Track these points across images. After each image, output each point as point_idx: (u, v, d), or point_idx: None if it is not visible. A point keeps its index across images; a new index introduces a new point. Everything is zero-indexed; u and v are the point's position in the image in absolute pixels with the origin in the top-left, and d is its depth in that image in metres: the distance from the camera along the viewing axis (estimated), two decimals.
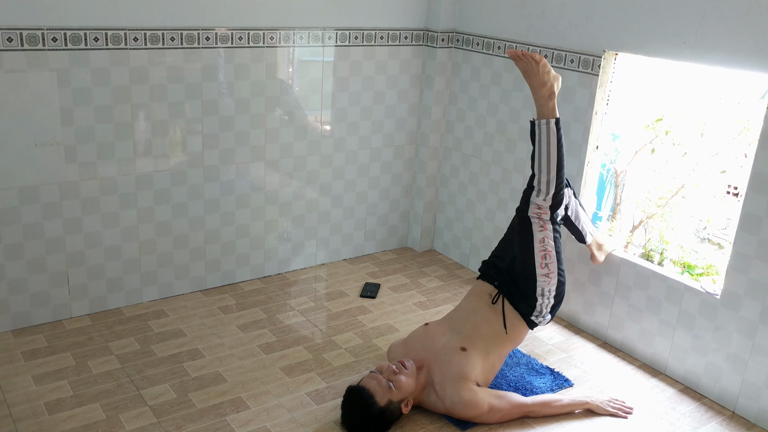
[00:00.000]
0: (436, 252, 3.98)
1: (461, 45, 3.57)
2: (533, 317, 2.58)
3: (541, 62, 2.43)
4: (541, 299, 2.54)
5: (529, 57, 2.44)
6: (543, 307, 2.56)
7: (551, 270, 2.52)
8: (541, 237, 2.50)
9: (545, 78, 2.44)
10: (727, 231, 3.48)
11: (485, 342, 2.52)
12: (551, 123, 2.44)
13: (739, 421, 2.58)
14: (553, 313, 2.62)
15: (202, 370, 2.69)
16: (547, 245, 2.51)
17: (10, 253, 2.78)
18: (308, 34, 3.25)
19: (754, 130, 3.05)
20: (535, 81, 2.45)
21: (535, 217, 2.51)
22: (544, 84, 2.44)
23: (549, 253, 2.51)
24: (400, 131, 3.73)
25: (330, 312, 3.21)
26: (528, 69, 2.46)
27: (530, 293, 2.54)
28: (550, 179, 2.46)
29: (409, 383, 2.36)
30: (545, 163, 2.45)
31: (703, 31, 2.52)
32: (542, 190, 2.48)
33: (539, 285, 2.52)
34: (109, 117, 2.84)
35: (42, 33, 2.61)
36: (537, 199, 2.49)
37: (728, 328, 2.59)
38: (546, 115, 2.45)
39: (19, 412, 2.36)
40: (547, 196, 2.48)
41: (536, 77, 2.44)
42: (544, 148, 2.45)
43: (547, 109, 2.45)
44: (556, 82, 2.47)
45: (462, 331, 2.54)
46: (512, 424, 2.46)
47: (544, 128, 2.44)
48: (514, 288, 2.59)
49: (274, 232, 3.47)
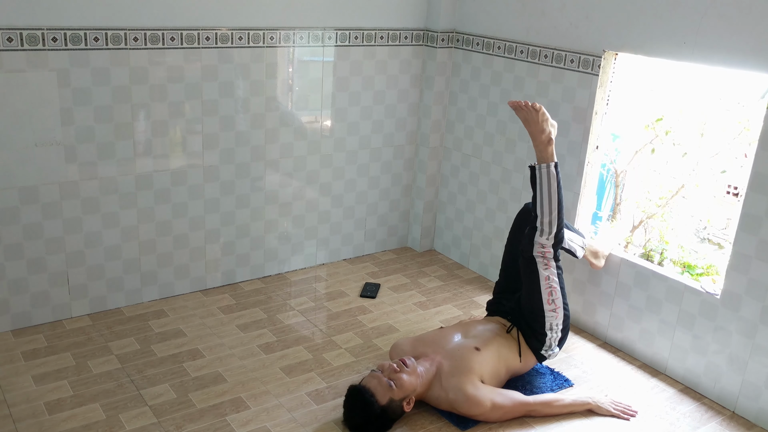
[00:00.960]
0: (436, 252, 3.98)
1: (461, 45, 3.57)
2: (543, 351, 2.69)
3: (540, 111, 2.60)
4: (549, 333, 2.64)
5: (529, 107, 2.59)
6: (552, 341, 2.66)
7: (557, 305, 2.63)
8: (546, 275, 2.62)
9: (544, 126, 2.60)
10: (727, 231, 3.48)
11: (499, 348, 2.62)
12: (551, 167, 2.58)
13: (739, 421, 2.58)
14: (561, 345, 2.71)
15: (202, 370, 2.69)
16: (552, 282, 2.62)
17: (10, 253, 2.78)
18: (308, 34, 3.25)
19: (754, 130, 3.05)
20: (534, 128, 2.61)
21: (540, 255, 2.61)
22: (543, 131, 2.59)
23: (554, 289, 2.62)
24: (400, 131, 3.73)
25: (330, 312, 3.21)
26: (528, 118, 2.61)
27: (539, 329, 2.65)
28: (552, 219, 2.58)
29: (411, 381, 2.37)
30: (547, 204, 2.58)
31: (703, 31, 2.52)
32: (545, 230, 2.59)
33: (548, 320, 2.63)
34: (109, 117, 2.84)
35: (42, 33, 2.61)
36: (540, 238, 2.60)
37: (728, 328, 2.59)
38: (545, 160, 2.59)
39: (19, 412, 2.36)
40: (549, 235, 2.60)
41: (536, 125, 2.60)
42: (546, 190, 2.58)
43: (547, 154, 2.59)
44: (554, 129, 2.64)
45: (478, 335, 2.65)
46: (512, 423, 2.46)
47: (544, 172, 2.58)
48: (523, 324, 2.70)
49: (274, 232, 3.47)
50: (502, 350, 2.61)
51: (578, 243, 2.86)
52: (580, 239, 2.88)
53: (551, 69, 3.12)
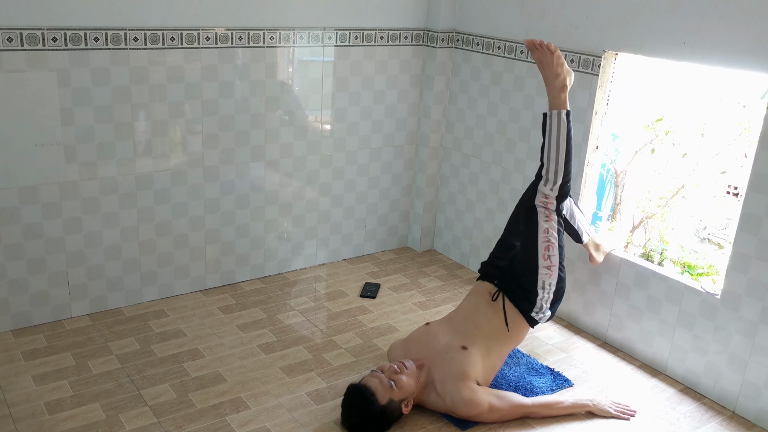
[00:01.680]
0: (436, 252, 3.98)
1: (461, 45, 3.57)
2: (533, 313, 2.60)
3: (555, 53, 2.52)
4: (541, 293, 2.57)
5: (545, 47, 2.52)
6: (543, 302, 2.58)
7: (553, 263, 2.55)
8: (545, 227, 2.54)
9: (558, 70, 2.52)
10: (727, 231, 3.48)
11: (486, 340, 2.53)
12: (562, 114, 2.51)
13: (739, 421, 2.58)
14: (553, 309, 2.64)
15: (202, 370, 2.69)
16: (550, 236, 2.54)
17: (10, 253, 2.78)
18: (308, 34, 3.25)
19: (754, 131, 3.05)
20: (549, 72, 2.53)
21: (542, 206, 2.55)
22: (557, 75, 2.52)
23: (552, 244, 2.54)
24: (400, 131, 3.73)
25: (330, 312, 3.21)
26: (543, 59, 2.53)
27: (531, 287, 2.57)
28: (558, 168, 2.52)
29: (410, 383, 2.36)
30: (554, 152, 2.51)
31: (703, 31, 2.52)
32: (550, 179, 2.53)
33: (540, 277, 2.55)
34: (109, 117, 2.84)
35: (42, 33, 2.61)
36: (544, 188, 2.54)
37: (728, 328, 2.59)
38: (558, 106, 2.53)
39: (19, 412, 2.36)
40: (554, 185, 2.53)
41: (550, 68, 2.52)
42: (554, 138, 2.51)
43: (559, 101, 2.53)
44: (569, 76, 2.56)
45: (463, 330, 2.56)
46: (512, 424, 2.46)
47: (555, 118, 2.51)
48: (514, 285, 2.62)
49: (274, 232, 3.47)
50: (490, 342, 2.53)
51: (585, 228, 2.82)
52: (588, 226, 2.86)
53: None
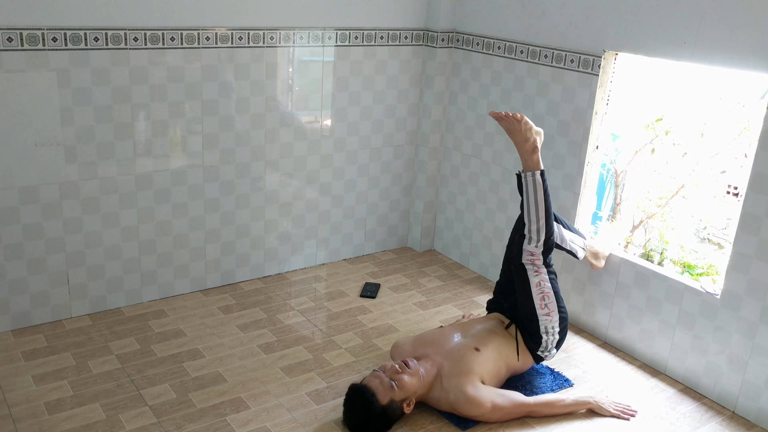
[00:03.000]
0: (436, 252, 3.98)
1: (461, 45, 3.57)
2: (540, 353, 2.69)
3: (522, 120, 2.59)
4: (545, 336, 2.65)
5: (511, 117, 2.59)
6: (548, 343, 2.66)
7: (551, 309, 2.63)
8: (537, 281, 2.62)
9: (528, 134, 2.59)
10: (727, 231, 3.48)
11: (499, 347, 2.61)
12: (536, 175, 2.57)
13: (739, 421, 2.58)
14: (559, 347, 2.71)
15: (202, 370, 2.69)
16: (543, 288, 2.62)
17: (10, 253, 2.78)
18: (308, 34, 3.25)
19: (754, 131, 3.05)
20: (518, 138, 2.60)
21: (529, 263, 2.62)
22: (527, 140, 2.59)
23: (546, 294, 2.62)
24: (400, 131, 3.73)
25: (330, 312, 3.21)
26: (511, 128, 2.61)
27: (534, 332, 2.65)
28: (540, 227, 2.58)
29: (412, 383, 2.37)
30: (534, 212, 2.58)
31: (703, 31, 2.52)
32: (533, 237, 2.59)
33: (542, 324, 2.63)
34: (109, 117, 2.84)
35: (42, 33, 2.61)
36: (529, 246, 2.60)
37: (728, 328, 2.59)
38: (531, 168, 2.59)
39: (19, 412, 2.36)
40: (538, 242, 2.59)
41: (519, 134, 2.60)
42: (532, 198, 2.58)
43: (532, 162, 2.60)
44: (539, 137, 2.63)
45: (477, 335, 2.64)
46: (512, 424, 2.46)
47: (530, 180, 2.58)
48: (521, 326, 2.70)
49: (274, 232, 3.47)
50: (501, 349, 2.61)
51: (579, 244, 2.86)
52: (581, 240, 2.88)
53: (551, 69, 3.12)
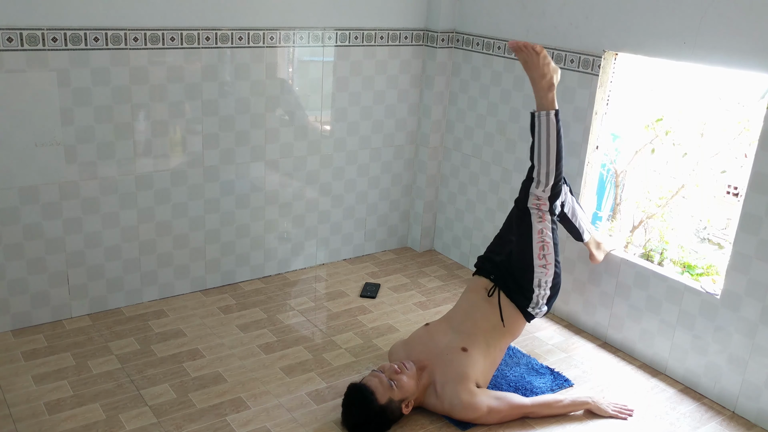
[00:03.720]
0: (436, 252, 3.97)
1: (461, 45, 3.57)
2: (530, 309, 2.59)
3: (541, 53, 2.46)
4: (537, 290, 2.56)
5: (530, 48, 2.47)
6: (539, 298, 2.57)
7: (548, 261, 2.54)
8: (539, 228, 2.53)
9: (545, 70, 2.47)
10: (727, 231, 3.48)
11: (485, 337, 2.53)
12: (551, 114, 2.46)
13: (739, 421, 2.58)
14: (550, 304, 2.63)
15: (202, 370, 2.69)
16: (545, 236, 2.53)
17: (10, 253, 2.78)
18: (308, 34, 3.25)
19: (754, 131, 3.05)
20: (535, 72, 2.48)
21: (534, 208, 2.53)
22: (543, 75, 2.47)
23: (546, 244, 2.53)
24: (400, 131, 3.73)
25: (330, 312, 3.21)
26: (528, 60, 2.48)
27: (527, 284, 2.56)
28: (549, 170, 2.48)
29: (410, 384, 2.36)
30: (544, 154, 2.47)
31: (703, 31, 2.52)
32: (541, 181, 2.50)
33: (536, 276, 2.54)
34: (109, 117, 2.84)
35: (42, 33, 2.61)
36: (536, 190, 2.51)
37: (728, 328, 2.59)
38: (546, 107, 2.48)
39: (19, 412, 2.36)
40: (546, 187, 2.50)
41: (536, 69, 2.47)
42: (544, 139, 2.47)
43: (547, 101, 2.48)
44: (555, 74, 2.50)
45: (462, 329, 2.55)
46: (512, 424, 2.46)
47: (543, 119, 2.47)
48: (510, 280, 2.61)
49: (274, 232, 3.47)
50: (489, 338, 2.53)
51: (586, 226, 2.82)
52: (589, 225, 2.85)
53: None
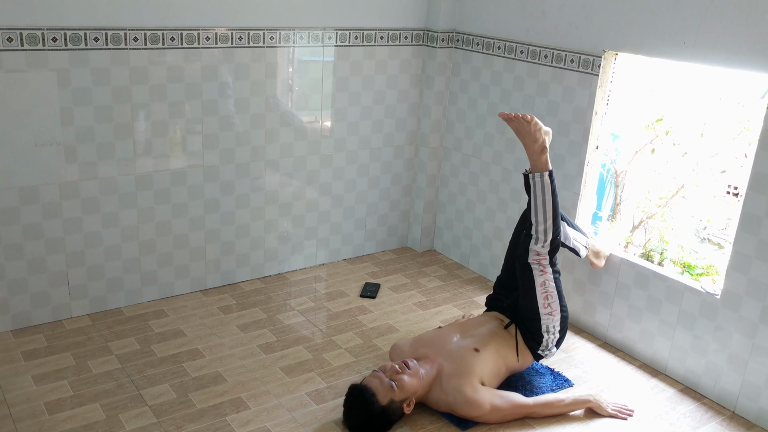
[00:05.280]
0: (436, 252, 3.98)
1: (461, 45, 3.57)
2: (540, 351, 2.68)
3: (532, 122, 2.55)
4: (546, 335, 2.64)
5: (520, 118, 2.56)
6: (549, 342, 2.66)
7: (554, 309, 2.62)
8: (542, 281, 2.61)
9: (537, 135, 2.56)
10: (727, 231, 3.48)
11: (497, 347, 2.61)
12: (545, 176, 2.55)
13: (739, 421, 2.58)
14: (559, 345, 2.71)
15: (202, 370, 2.69)
16: (548, 287, 2.61)
17: (10, 253, 2.78)
18: (308, 34, 3.25)
19: (754, 130, 3.05)
20: (527, 139, 2.57)
21: (535, 263, 2.60)
22: (536, 141, 2.56)
23: (550, 294, 2.61)
24: (400, 131, 3.73)
25: (330, 312, 3.21)
26: (520, 128, 2.58)
27: (536, 331, 2.65)
28: (547, 228, 2.56)
29: (412, 383, 2.37)
30: (541, 212, 2.56)
31: (703, 31, 2.52)
32: (540, 238, 2.58)
33: (543, 323, 2.62)
34: (109, 117, 2.84)
35: (42, 33, 2.61)
36: (536, 246, 2.59)
37: (728, 328, 2.59)
38: (539, 169, 2.57)
39: (19, 412, 2.36)
40: (545, 243, 2.58)
41: (528, 135, 2.56)
42: (540, 198, 2.56)
43: (540, 163, 2.57)
44: (547, 137, 2.60)
45: (477, 335, 2.64)
46: (513, 424, 2.46)
47: (538, 181, 2.56)
48: (521, 324, 2.69)
49: (274, 232, 3.47)
50: (501, 350, 2.61)
51: (582, 242, 2.86)
52: (584, 238, 2.88)
53: (551, 69, 3.12)
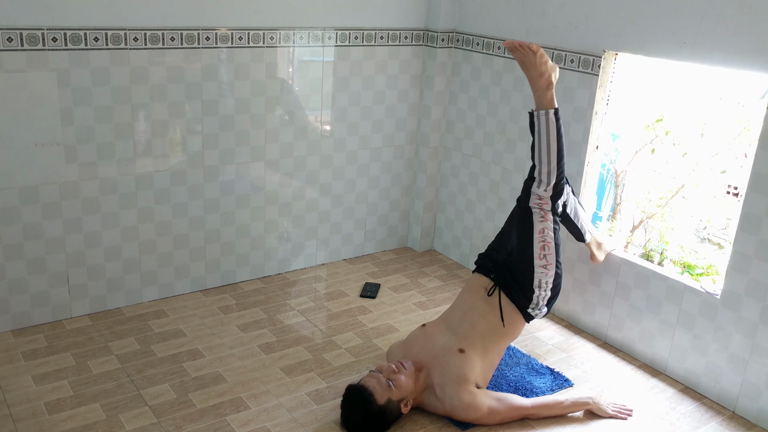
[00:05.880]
0: (436, 252, 3.98)
1: (461, 45, 3.57)
2: (530, 309, 2.58)
3: (538, 52, 2.44)
4: (537, 291, 2.54)
5: (526, 47, 2.44)
6: (540, 299, 2.56)
7: (549, 261, 2.52)
8: (541, 227, 2.51)
9: (543, 68, 2.44)
10: (727, 231, 3.48)
11: (483, 339, 2.51)
12: (550, 113, 2.44)
13: (739, 421, 2.58)
14: (550, 306, 2.61)
15: (202, 370, 2.69)
16: (546, 236, 2.51)
17: (10, 253, 2.78)
18: (308, 34, 3.25)
19: (754, 131, 3.05)
20: (532, 72, 2.45)
21: (536, 207, 2.51)
22: (541, 75, 2.44)
23: (548, 244, 2.51)
24: (400, 131, 3.73)
25: (330, 312, 3.21)
26: (525, 60, 2.46)
27: (527, 285, 2.54)
28: (551, 170, 2.47)
29: (408, 383, 2.36)
30: (545, 153, 2.46)
31: (703, 31, 2.52)
32: (543, 180, 2.49)
33: (536, 276, 2.52)
34: (109, 117, 2.84)
35: (42, 33, 2.61)
36: (538, 189, 2.50)
37: (728, 328, 2.59)
38: (545, 106, 2.45)
39: (19, 412, 2.36)
40: (548, 186, 2.49)
41: (534, 68, 2.44)
42: (544, 138, 2.45)
43: (546, 100, 2.45)
44: (553, 72, 2.47)
45: (459, 330, 2.53)
46: (512, 425, 2.46)
47: (543, 119, 2.45)
48: (511, 280, 2.58)
49: (274, 232, 3.47)
50: (486, 341, 2.50)
51: (587, 227, 2.81)
52: (590, 225, 2.85)
53: None
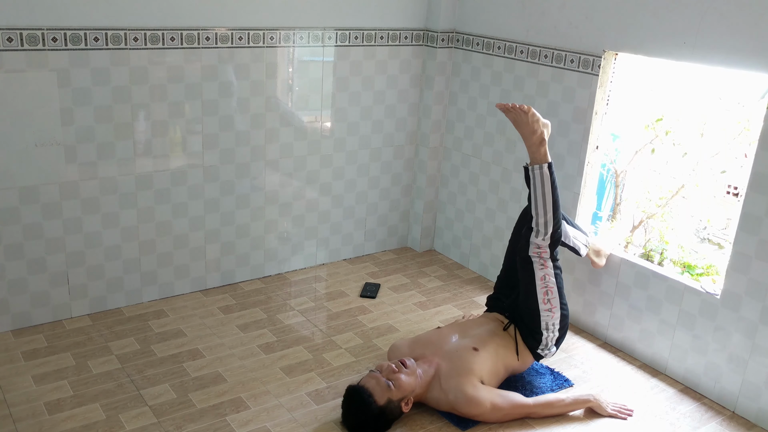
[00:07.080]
0: (436, 252, 3.98)
1: (461, 45, 3.57)
2: (539, 350, 2.67)
3: (529, 112, 2.56)
4: (546, 333, 2.63)
5: (517, 109, 2.56)
6: (548, 340, 2.65)
7: (554, 305, 2.61)
8: (542, 275, 2.60)
9: (535, 126, 2.56)
10: (727, 231, 3.48)
11: (496, 347, 2.60)
12: (544, 168, 2.55)
13: (739, 421, 2.58)
14: (558, 345, 2.70)
15: (202, 370, 2.69)
16: (548, 282, 2.61)
17: (10, 253, 2.78)
18: (308, 34, 3.25)
19: (754, 130, 3.05)
20: (525, 130, 2.58)
21: (536, 256, 2.60)
22: (534, 132, 2.56)
23: (550, 289, 2.61)
24: (400, 131, 3.73)
25: (330, 312, 3.21)
26: (518, 119, 2.58)
27: (535, 328, 2.64)
28: (548, 220, 2.56)
29: (409, 382, 2.37)
30: (541, 205, 2.56)
31: (703, 31, 2.52)
32: (540, 230, 2.58)
33: (543, 320, 2.62)
34: (109, 117, 2.84)
35: (42, 33, 2.61)
36: (536, 239, 2.58)
37: (728, 328, 2.59)
38: (539, 161, 2.57)
39: (19, 412, 2.36)
40: (545, 235, 2.58)
41: (526, 126, 2.57)
42: (539, 191, 2.56)
43: (539, 155, 2.57)
44: (546, 129, 2.60)
45: (476, 335, 2.63)
46: (512, 424, 2.46)
47: (537, 173, 2.56)
48: (521, 323, 2.69)
49: (274, 232, 3.47)
50: (500, 350, 2.61)
51: (582, 241, 2.85)
52: (584, 237, 2.88)
53: (551, 69, 3.12)
